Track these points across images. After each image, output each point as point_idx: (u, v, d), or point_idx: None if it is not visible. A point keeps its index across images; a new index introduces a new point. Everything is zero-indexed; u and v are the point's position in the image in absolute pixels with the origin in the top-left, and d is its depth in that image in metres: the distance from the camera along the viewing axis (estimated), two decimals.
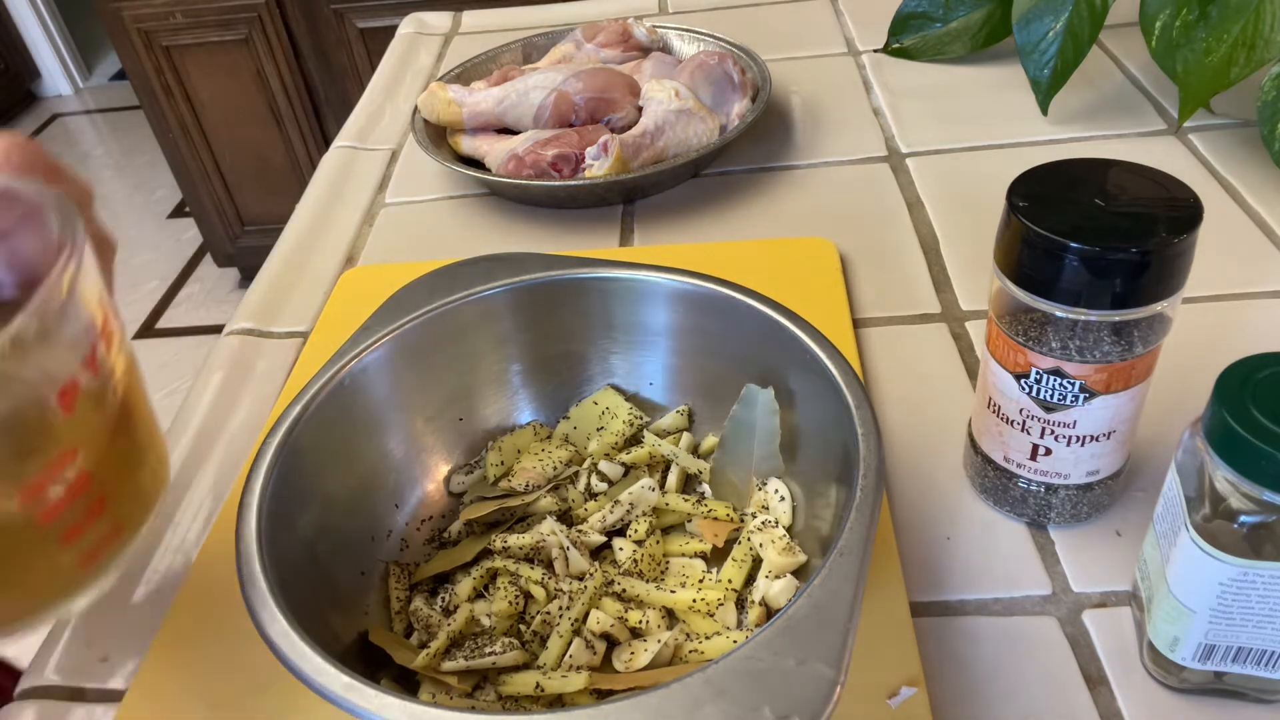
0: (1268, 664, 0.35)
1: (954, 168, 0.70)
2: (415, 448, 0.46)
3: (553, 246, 0.66)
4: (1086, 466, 0.41)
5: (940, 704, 0.38)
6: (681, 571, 0.42)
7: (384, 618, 0.41)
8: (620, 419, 0.48)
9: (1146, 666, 0.38)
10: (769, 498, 0.43)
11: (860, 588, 0.31)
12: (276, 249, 0.71)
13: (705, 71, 0.73)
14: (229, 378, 0.59)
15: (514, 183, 0.67)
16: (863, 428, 0.36)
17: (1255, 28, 0.61)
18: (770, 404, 0.43)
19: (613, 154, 0.66)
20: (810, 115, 0.79)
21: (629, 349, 0.48)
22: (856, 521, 0.33)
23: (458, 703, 0.37)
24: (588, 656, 0.39)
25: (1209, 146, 0.69)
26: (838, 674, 0.28)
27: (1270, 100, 0.61)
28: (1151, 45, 0.66)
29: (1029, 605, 0.41)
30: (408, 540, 0.44)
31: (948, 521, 0.45)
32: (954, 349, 0.55)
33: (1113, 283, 0.35)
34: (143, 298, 2.28)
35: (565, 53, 0.82)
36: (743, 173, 0.73)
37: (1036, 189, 0.37)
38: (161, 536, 0.49)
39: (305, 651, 0.31)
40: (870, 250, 0.63)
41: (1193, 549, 0.33)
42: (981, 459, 0.44)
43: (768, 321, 0.42)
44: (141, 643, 0.44)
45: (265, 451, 0.39)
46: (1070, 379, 0.38)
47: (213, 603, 0.44)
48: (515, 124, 0.73)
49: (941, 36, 0.83)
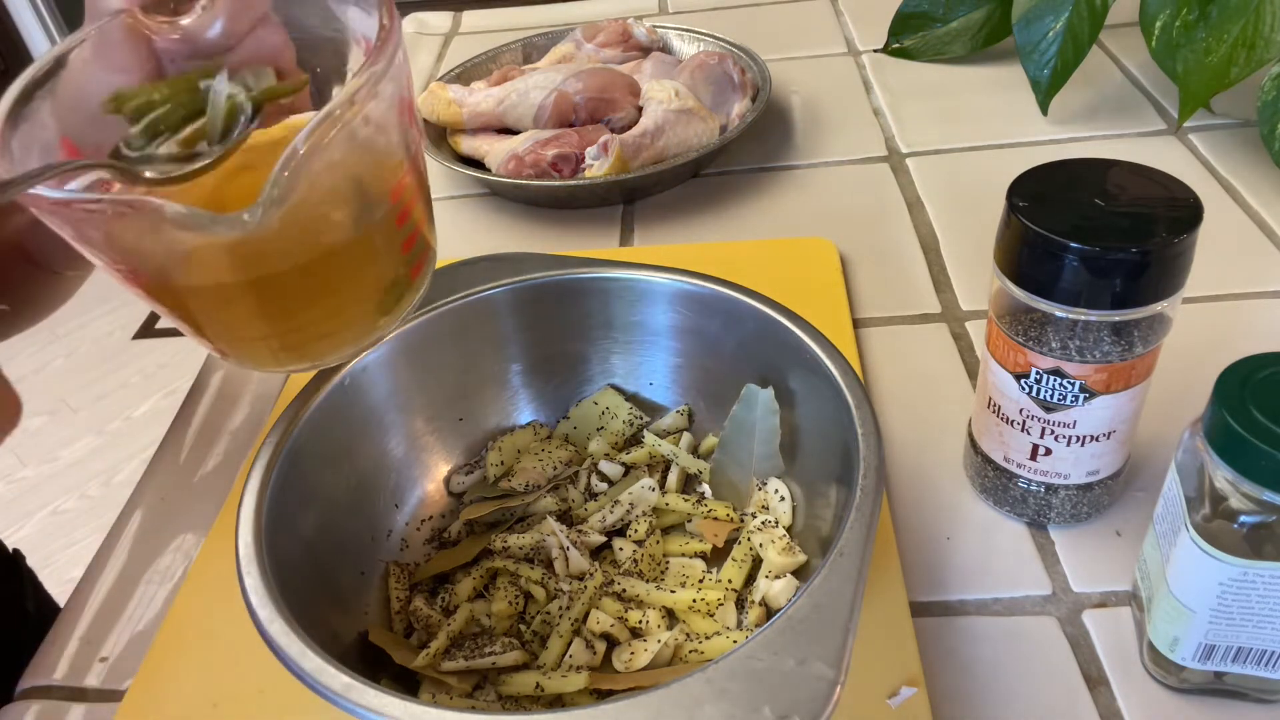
0: (1268, 664, 0.35)
1: (954, 168, 0.70)
2: (415, 448, 0.46)
3: (553, 246, 0.66)
4: (1086, 466, 0.41)
5: (940, 704, 0.38)
6: (681, 571, 0.42)
7: (384, 618, 0.41)
8: (620, 419, 0.48)
9: (1146, 666, 0.38)
10: (769, 498, 0.43)
11: (860, 588, 0.31)
12: None
13: (705, 71, 0.73)
14: (229, 378, 0.59)
15: (514, 183, 0.67)
16: (863, 428, 0.36)
17: (1255, 28, 0.61)
18: (770, 404, 0.43)
19: (613, 154, 0.66)
20: (810, 115, 0.79)
21: (629, 349, 0.48)
22: (856, 521, 0.33)
23: (458, 703, 0.37)
24: (588, 656, 0.39)
25: (1209, 146, 0.69)
26: (838, 674, 0.28)
27: (1270, 100, 0.61)
28: (1151, 45, 0.66)
29: (1029, 605, 0.41)
30: (408, 540, 0.44)
31: (948, 521, 0.45)
32: (954, 349, 0.55)
33: (1113, 283, 0.35)
34: None
35: (565, 53, 0.82)
36: (743, 173, 0.73)
37: (1036, 189, 0.37)
38: (161, 536, 0.49)
39: (305, 651, 0.31)
40: (870, 250, 0.63)
41: (1193, 549, 0.33)
42: (981, 459, 0.44)
43: (768, 321, 0.42)
44: (141, 643, 0.44)
45: (265, 451, 0.39)
46: (1070, 379, 0.38)
47: (213, 603, 0.44)
48: (515, 124, 0.73)
49: (941, 36, 0.83)
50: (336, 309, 0.36)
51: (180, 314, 0.35)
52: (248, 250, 0.32)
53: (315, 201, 0.32)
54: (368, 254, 0.36)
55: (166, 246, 0.31)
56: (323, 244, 0.34)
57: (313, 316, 0.36)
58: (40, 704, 0.42)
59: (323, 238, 0.33)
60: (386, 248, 0.36)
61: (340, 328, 0.37)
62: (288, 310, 0.35)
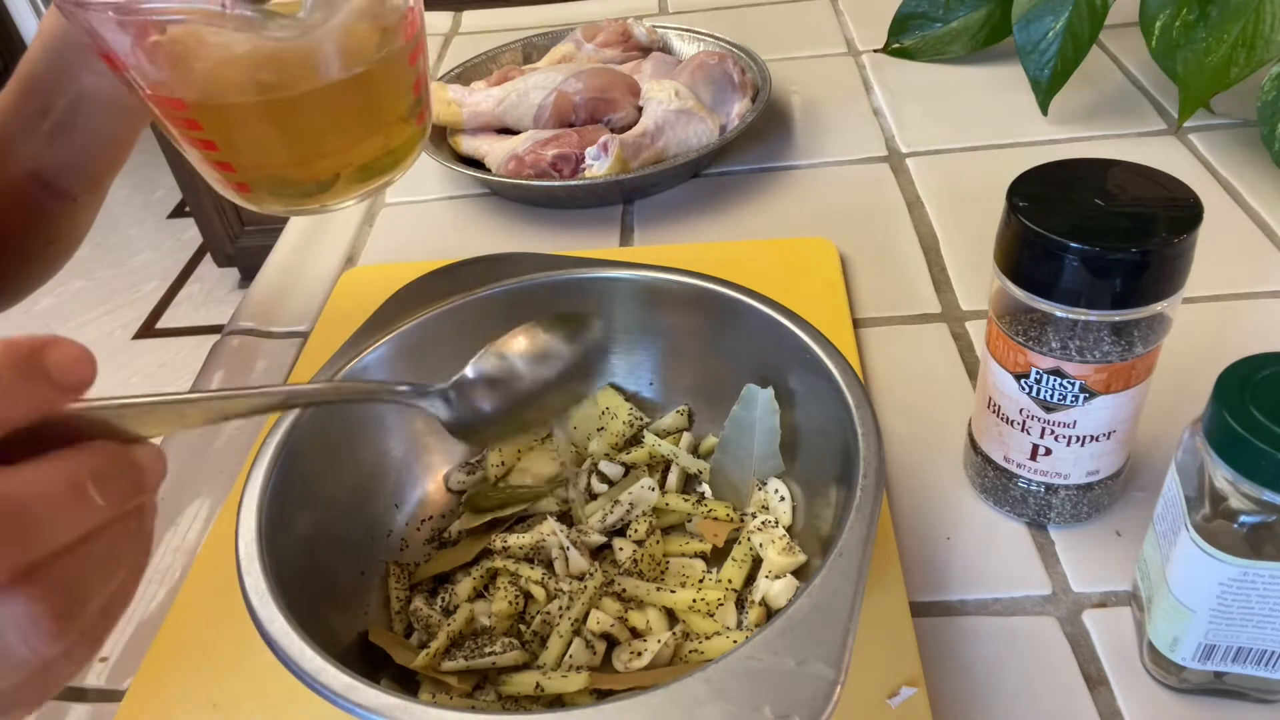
0: (1268, 664, 0.35)
1: (954, 168, 0.70)
2: (415, 448, 0.46)
3: (553, 246, 0.66)
4: (1086, 466, 0.41)
5: (940, 704, 0.38)
6: (681, 571, 0.42)
7: (384, 618, 0.41)
8: (620, 419, 0.48)
9: (1146, 666, 0.38)
10: (769, 498, 0.43)
11: (860, 588, 0.31)
12: (276, 249, 0.71)
13: (705, 71, 0.73)
14: (229, 378, 0.59)
15: (514, 183, 0.67)
16: (863, 428, 0.36)
17: (1255, 28, 0.61)
18: (770, 404, 0.43)
19: (613, 154, 0.66)
20: (810, 115, 0.79)
21: (629, 349, 0.48)
22: (856, 521, 0.33)
23: (458, 703, 0.37)
24: (588, 656, 0.39)
25: (1209, 146, 0.69)
26: (838, 674, 0.28)
27: (1270, 100, 0.61)
28: (1151, 45, 0.66)
29: (1029, 605, 0.41)
30: (408, 540, 0.44)
31: (948, 521, 0.45)
32: (954, 349, 0.55)
33: (1113, 283, 0.35)
34: (143, 298, 2.28)
35: (565, 53, 0.82)
36: (743, 173, 0.73)
37: (1036, 189, 0.37)
38: (161, 536, 0.49)
39: (305, 651, 0.31)
40: (870, 250, 0.63)
41: (1193, 549, 0.33)
42: (981, 459, 0.44)
43: (768, 321, 0.42)
44: (141, 643, 0.44)
45: (265, 451, 0.39)
46: (1070, 379, 0.38)
47: (213, 603, 0.44)
48: (515, 124, 0.73)
49: (941, 36, 0.83)
50: (357, 137, 0.41)
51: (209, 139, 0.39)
52: (289, 59, 0.36)
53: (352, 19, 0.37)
54: (390, 81, 0.40)
55: (220, 53, 0.35)
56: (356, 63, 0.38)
57: (335, 143, 0.41)
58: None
59: (354, 57, 0.38)
60: (403, 81, 0.41)
61: (356, 158, 0.41)
62: (314, 132, 0.40)
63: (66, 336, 0.24)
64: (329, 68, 0.38)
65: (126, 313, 2.21)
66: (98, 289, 2.31)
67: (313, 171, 0.41)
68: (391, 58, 0.40)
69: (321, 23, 0.35)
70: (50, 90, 0.48)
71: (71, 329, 2.15)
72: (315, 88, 0.38)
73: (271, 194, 0.42)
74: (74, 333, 2.14)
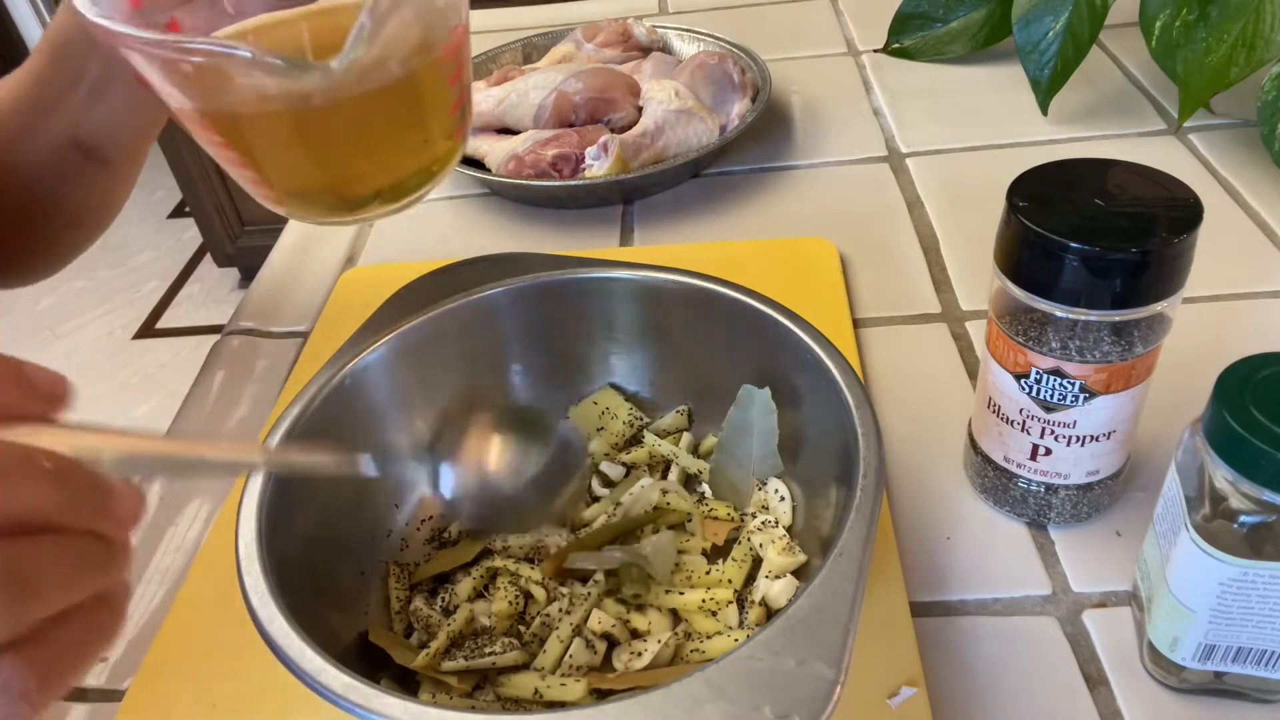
0: (1268, 664, 0.35)
1: (954, 168, 0.70)
2: (415, 447, 0.46)
3: (553, 246, 0.66)
4: (1086, 466, 0.41)
5: (940, 704, 0.38)
6: (686, 570, 0.42)
7: (384, 618, 0.41)
8: (620, 419, 0.48)
9: (1146, 666, 0.38)
10: (769, 498, 0.43)
11: (860, 588, 0.31)
12: (276, 249, 0.71)
13: (705, 71, 0.73)
14: (229, 378, 0.59)
15: (514, 183, 0.67)
16: (863, 428, 0.36)
17: (1255, 28, 0.61)
18: (766, 404, 0.43)
19: (613, 154, 0.66)
20: (810, 115, 0.79)
21: (629, 349, 0.48)
22: (856, 521, 0.33)
23: (458, 703, 0.37)
24: (588, 656, 0.39)
25: (1209, 146, 0.69)
26: (838, 674, 0.28)
27: (1270, 100, 0.61)
28: (1151, 45, 0.66)
29: (1029, 605, 0.41)
30: (408, 540, 0.44)
31: (948, 521, 0.45)
32: (954, 349, 0.55)
33: (1113, 283, 0.35)
34: (142, 298, 2.28)
35: (565, 53, 0.82)
36: (743, 173, 0.73)
37: (1036, 189, 0.37)
38: (162, 536, 0.49)
39: (305, 651, 0.31)
40: (870, 250, 0.63)
41: (1193, 549, 0.33)
42: (981, 459, 0.44)
43: (768, 321, 0.42)
44: (141, 643, 0.44)
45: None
46: (1070, 379, 0.38)
47: (213, 603, 0.44)
48: (515, 124, 0.73)
49: (941, 36, 0.83)
50: (393, 160, 0.40)
51: (242, 159, 0.38)
52: (324, 97, 0.35)
53: (391, 51, 0.35)
54: (429, 104, 0.39)
55: (249, 90, 0.34)
56: (398, 104, 0.37)
57: (370, 167, 0.40)
58: None
59: (393, 86, 0.37)
60: (443, 101, 0.40)
61: (391, 179, 0.40)
62: (348, 159, 0.39)
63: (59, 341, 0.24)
64: (366, 104, 0.37)
65: (126, 313, 2.21)
66: (98, 289, 2.31)
67: (348, 193, 0.40)
68: (432, 82, 0.39)
69: (355, 71, 0.33)
70: (83, 55, 0.49)
71: (72, 329, 2.15)
72: (350, 120, 0.37)
73: (305, 208, 0.42)
74: (74, 332, 2.15)
